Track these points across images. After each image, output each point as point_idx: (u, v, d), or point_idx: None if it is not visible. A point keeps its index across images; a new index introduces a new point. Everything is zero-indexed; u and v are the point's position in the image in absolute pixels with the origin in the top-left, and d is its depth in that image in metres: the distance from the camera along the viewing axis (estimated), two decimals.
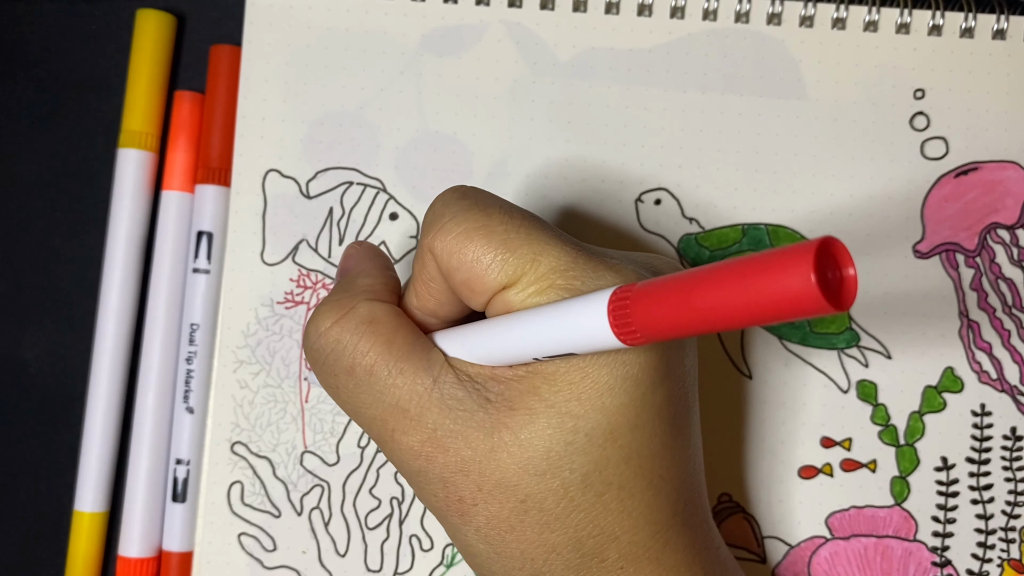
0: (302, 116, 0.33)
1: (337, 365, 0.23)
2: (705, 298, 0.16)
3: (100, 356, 0.33)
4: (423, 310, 0.24)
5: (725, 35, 0.33)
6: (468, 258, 0.22)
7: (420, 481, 0.23)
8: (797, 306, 0.15)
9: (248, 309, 0.32)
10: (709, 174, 0.33)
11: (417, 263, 0.24)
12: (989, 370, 0.32)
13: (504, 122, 0.33)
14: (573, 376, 0.21)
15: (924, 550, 0.32)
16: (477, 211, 0.23)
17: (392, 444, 0.23)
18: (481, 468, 0.22)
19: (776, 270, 0.15)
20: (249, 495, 0.32)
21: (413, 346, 0.23)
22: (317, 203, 0.33)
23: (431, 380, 0.23)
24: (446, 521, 0.23)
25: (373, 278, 0.25)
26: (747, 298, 0.15)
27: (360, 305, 0.24)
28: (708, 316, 0.16)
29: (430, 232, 0.23)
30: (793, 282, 0.14)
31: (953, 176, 0.33)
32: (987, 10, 0.33)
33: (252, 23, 0.33)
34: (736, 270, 0.15)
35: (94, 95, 0.35)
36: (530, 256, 0.22)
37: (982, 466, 0.32)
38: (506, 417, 0.22)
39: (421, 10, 0.33)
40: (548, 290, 0.22)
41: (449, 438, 0.22)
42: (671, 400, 0.23)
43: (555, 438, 0.21)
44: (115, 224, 0.33)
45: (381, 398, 0.23)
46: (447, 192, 0.24)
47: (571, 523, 0.22)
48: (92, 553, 0.33)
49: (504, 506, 0.22)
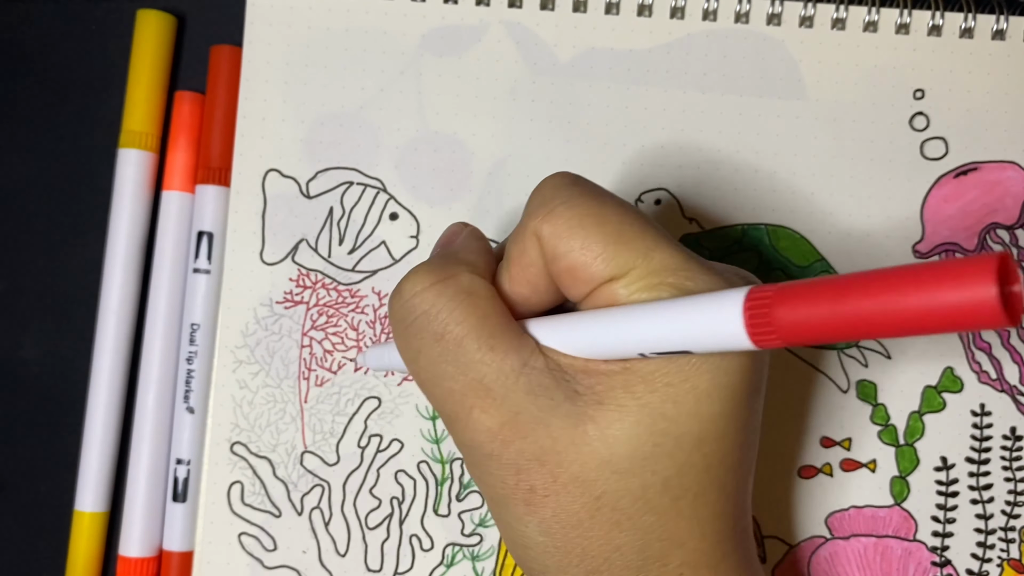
0: (302, 116, 0.33)
1: (426, 328, 0.23)
2: (862, 303, 0.16)
3: (100, 356, 0.33)
4: (515, 295, 0.23)
5: (725, 35, 0.33)
6: (577, 244, 0.22)
7: (490, 465, 0.22)
8: (975, 319, 0.14)
9: (247, 309, 0.32)
10: (709, 174, 0.33)
11: (516, 246, 0.23)
12: (989, 370, 0.32)
13: (504, 122, 0.33)
14: (672, 378, 0.21)
15: (924, 550, 0.32)
16: (591, 198, 0.22)
17: (467, 422, 0.22)
18: (560, 459, 0.21)
19: (958, 280, 0.15)
20: (249, 495, 0.32)
21: (506, 327, 0.22)
22: (317, 203, 0.33)
23: (521, 362, 0.22)
24: (507, 509, 0.23)
25: (477, 255, 0.24)
26: (917, 306, 0.15)
27: (463, 274, 0.23)
28: (863, 321, 0.16)
29: (538, 215, 0.22)
30: (976, 293, 0.14)
31: (953, 176, 0.33)
32: (987, 10, 0.33)
33: (252, 23, 0.33)
34: (909, 277, 0.15)
35: (94, 95, 0.35)
36: (643, 251, 0.21)
37: (982, 466, 0.32)
38: (594, 411, 0.21)
39: (421, 10, 0.33)
40: (658, 287, 0.21)
41: (531, 424, 0.22)
42: (755, 414, 0.23)
43: (643, 438, 0.21)
44: (115, 224, 0.33)
45: (466, 371, 0.22)
46: (556, 176, 0.23)
47: (642, 525, 0.22)
48: (92, 553, 0.33)
49: (577, 500, 0.22)
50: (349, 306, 0.33)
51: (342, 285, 0.33)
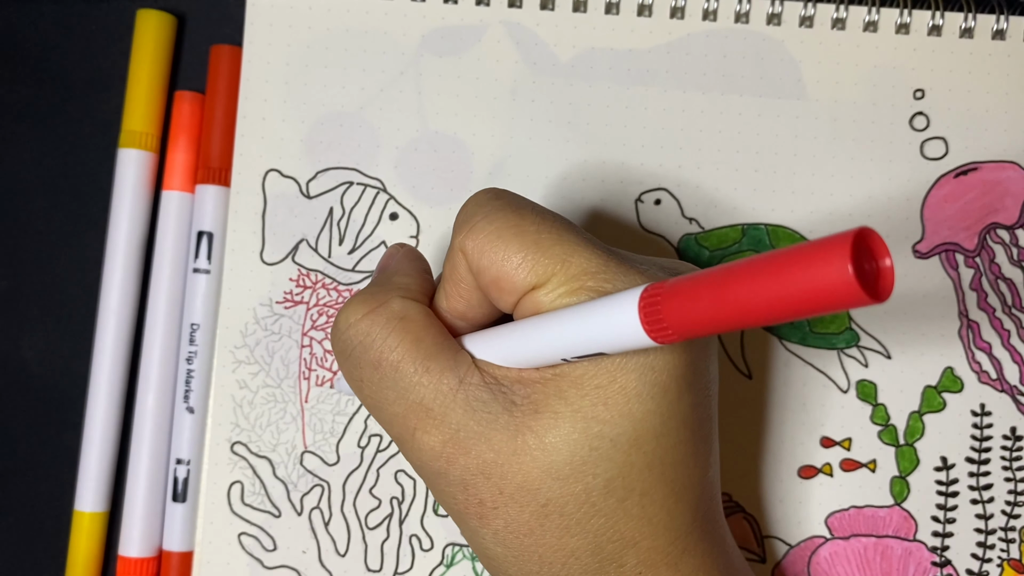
0: (302, 116, 0.33)
1: (364, 357, 0.23)
2: (738, 292, 0.16)
3: (100, 356, 0.33)
4: (452, 312, 0.24)
5: (725, 35, 0.33)
6: (498, 257, 0.22)
7: (439, 483, 0.23)
8: (834, 298, 0.14)
9: (247, 309, 0.32)
10: (709, 174, 0.33)
11: (448, 263, 0.24)
12: (989, 370, 0.32)
13: (504, 122, 0.33)
14: (601, 380, 0.21)
15: (924, 550, 0.32)
16: (509, 211, 0.23)
17: (412, 443, 0.23)
18: (503, 471, 0.22)
19: (812, 262, 0.14)
20: (249, 495, 0.32)
21: (441, 346, 0.23)
22: (317, 203, 0.33)
23: (457, 380, 0.22)
24: (464, 524, 0.23)
25: (410, 278, 0.25)
26: (782, 291, 0.15)
27: (393, 300, 0.24)
28: (741, 311, 0.16)
29: (461, 231, 0.23)
30: (830, 273, 0.14)
31: (953, 176, 0.33)
32: (987, 10, 0.33)
33: (252, 23, 0.33)
34: (770, 263, 0.15)
35: (94, 95, 0.35)
36: (561, 257, 0.22)
37: (982, 466, 0.32)
38: (531, 420, 0.22)
39: (421, 10, 0.33)
40: (578, 291, 0.21)
41: (472, 440, 0.22)
42: (696, 408, 0.23)
43: (580, 443, 0.21)
44: (115, 224, 0.33)
45: (405, 395, 0.23)
46: (480, 193, 0.24)
47: (591, 528, 0.22)
48: (92, 553, 0.33)
49: (524, 510, 0.22)
50: None
51: (342, 285, 0.33)
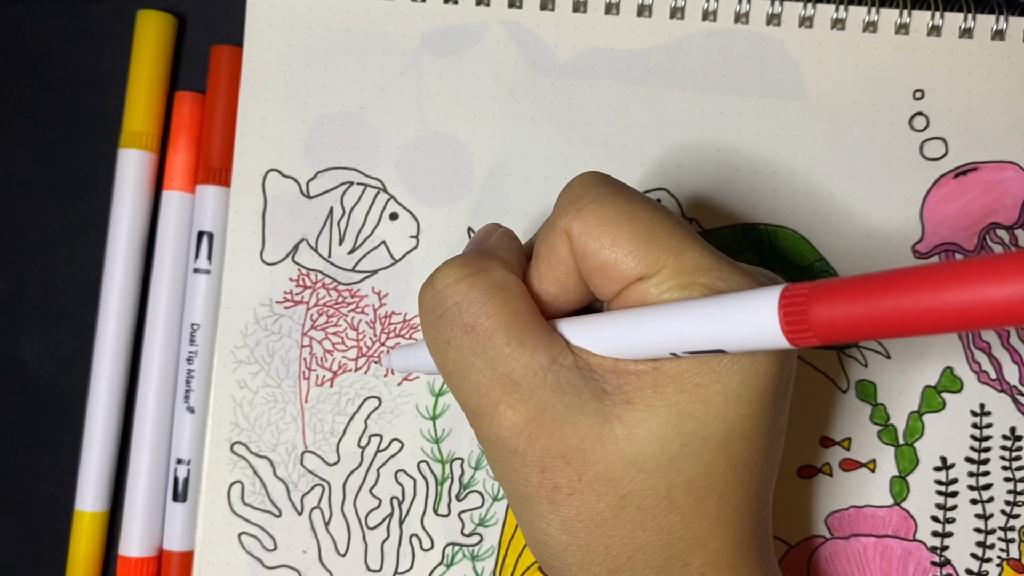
0: (302, 116, 0.33)
1: (457, 320, 0.22)
2: (898, 300, 0.16)
3: (101, 356, 0.33)
4: (544, 294, 0.23)
5: (725, 35, 0.33)
6: (608, 242, 0.21)
7: (514, 462, 0.22)
8: (1016, 314, 0.14)
9: (247, 309, 0.32)
10: (709, 174, 0.33)
11: (545, 244, 0.23)
12: (988, 370, 0.32)
13: (504, 122, 0.33)
14: (703, 379, 0.21)
15: (923, 550, 0.32)
16: (621, 196, 0.22)
17: (493, 417, 0.22)
18: (585, 457, 0.21)
19: (997, 276, 0.14)
20: (249, 495, 0.32)
21: (537, 323, 0.22)
22: (317, 203, 0.33)
23: (550, 359, 0.22)
24: (530, 507, 0.23)
25: (511, 254, 0.24)
26: (955, 302, 0.15)
27: (496, 269, 0.23)
28: (899, 318, 0.16)
29: (568, 212, 0.22)
30: (1017, 290, 0.14)
31: (952, 176, 0.33)
32: (986, 11, 0.33)
33: (253, 24, 0.33)
34: (945, 273, 0.15)
35: (95, 95, 0.35)
36: (674, 249, 0.21)
37: (981, 466, 0.32)
38: (621, 411, 0.21)
39: (421, 10, 0.33)
40: (690, 286, 0.21)
41: (557, 421, 0.21)
42: (780, 416, 0.23)
43: (671, 439, 0.21)
44: (116, 224, 0.33)
45: (494, 365, 0.22)
46: (586, 175, 0.23)
47: (666, 524, 0.22)
48: (93, 553, 0.33)
49: (601, 500, 0.22)
50: (349, 306, 0.33)
51: (342, 285, 0.33)
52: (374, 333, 0.33)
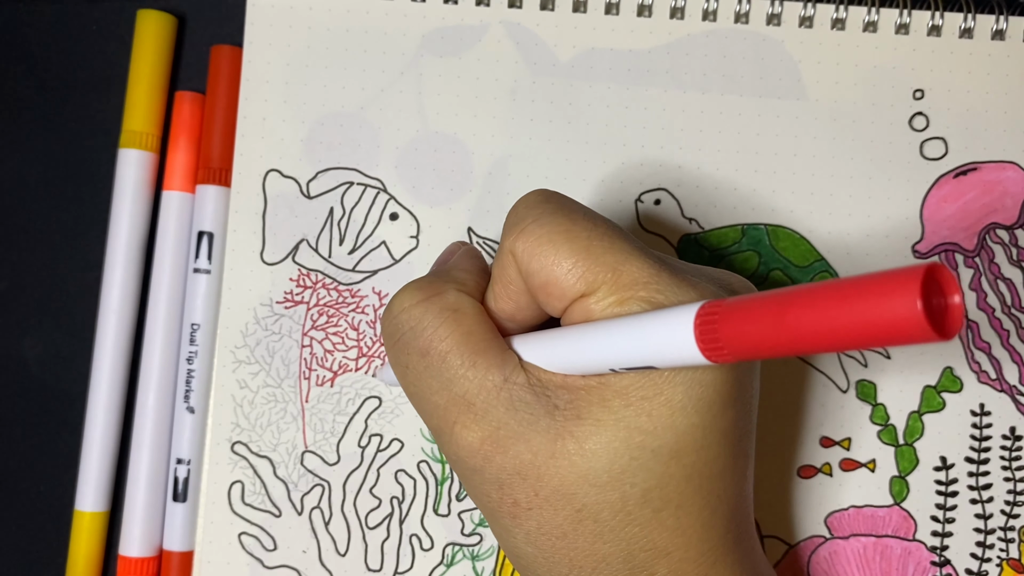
0: (303, 116, 0.33)
1: (413, 344, 0.23)
2: (800, 319, 0.16)
3: (101, 356, 0.33)
4: (500, 312, 0.24)
5: (725, 35, 0.33)
6: (549, 261, 0.22)
7: (475, 479, 0.23)
8: (900, 333, 0.14)
9: (247, 309, 0.32)
10: (709, 174, 0.33)
11: (497, 265, 0.24)
12: (988, 370, 0.32)
13: (504, 122, 0.33)
14: (647, 392, 0.21)
15: (923, 550, 0.32)
16: (561, 215, 0.22)
17: (452, 437, 0.23)
18: (540, 473, 0.22)
19: (880, 294, 0.14)
20: (249, 495, 0.32)
21: (490, 343, 0.23)
22: (317, 203, 0.33)
23: (502, 378, 0.22)
24: (496, 522, 0.23)
25: (468, 274, 0.25)
26: (846, 321, 0.15)
27: (449, 292, 0.24)
28: (800, 337, 0.16)
29: (512, 233, 0.23)
30: (898, 307, 0.14)
31: (952, 176, 0.33)
32: (986, 10, 0.33)
33: (253, 24, 0.33)
34: (836, 291, 0.15)
35: (95, 95, 0.35)
36: (612, 265, 0.22)
37: (981, 466, 0.32)
38: (572, 426, 0.22)
39: (421, 10, 0.33)
40: (629, 301, 0.21)
41: (511, 439, 0.22)
42: (737, 423, 0.23)
43: (621, 452, 0.21)
44: (116, 224, 0.33)
45: (449, 386, 0.23)
46: (531, 194, 0.24)
47: (625, 536, 0.22)
48: (93, 553, 0.33)
49: (559, 513, 0.22)
50: (349, 306, 0.33)
51: (342, 285, 0.33)
52: (374, 333, 0.33)
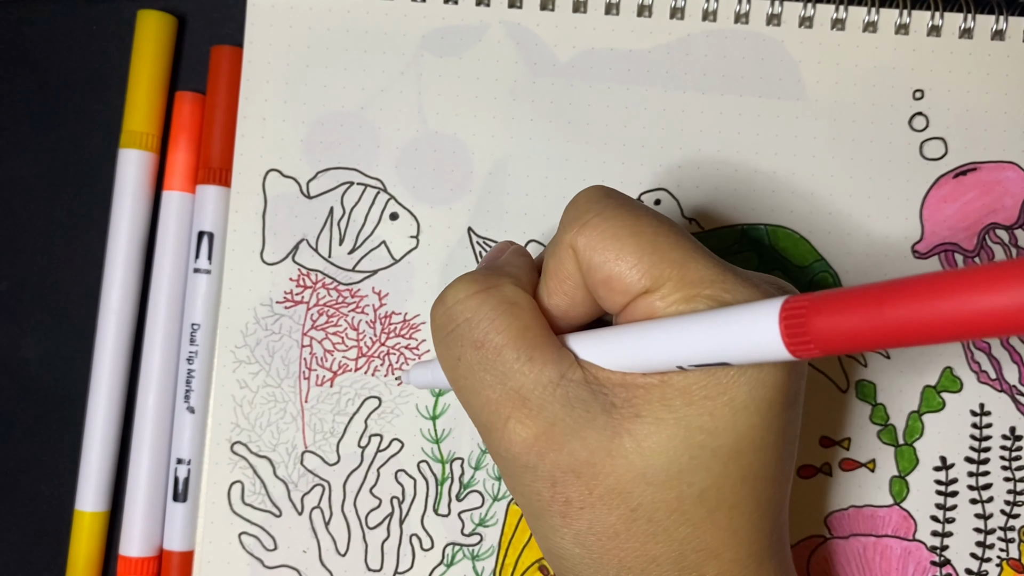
0: (303, 116, 0.33)
1: (467, 336, 0.23)
2: (898, 310, 0.16)
3: (101, 356, 0.33)
4: (553, 308, 0.24)
5: (725, 36, 0.33)
6: (612, 256, 0.22)
7: (525, 477, 0.22)
8: (1010, 323, 0.14)
9: (247, 309, 0.32)
10: (709, 174, 0.33)
11: (553, 259, 0.23)
12: (988, 370, 0.32)
13: (504, 122, 0.33)
14: (710, 391, 0.21)
15: (923, 549, 0.32)
16: (625, 210, 0.22)
17: (504, 433, 0.22)
18: (595, 471, 0.21)
19: (996, 285, 0.14)
20: (250, 494, 0.32)
21: (546, 339, 0.23)
22: (317, 203, 0.33)
23: (559, 374, 0.22)
24: (543, 521, 0.23)
25: (520, 270, 0.25)
26: (955, 312, 0.15)
27: (506, 285, 0.23)
28: (898, 329, 0.16)
29: (573, 227, 0.22)
30: (1009, 298, 0.14)
31: (952, 176, 0.33)
32: (986, 11, 0.33)
33: (253, 24, 0.33)
34: (943, 283, 0.15)
35: (95, 95, 0.35)
36: (678, 262, 0.21)
37: (981, 466, 0.32)
38: (630, 424, 0.21)
39: (421, 11, 0.33)
40: (695, 299, 0.21)
41: (567, 435, 0.22)
42: (791, 425, 0.23)
43: (680, 451, 0.21)
44: (116, 224, 0.33)
45: (504, 380, 0.22)
46: (591, 189, 0.23)
47: (678, 536, 0.22)
48: (93, 553, 0.33)
49: (612, 512, 0.22)
50: (349, 306, 0.33)
51: (342, 285, 0.33)
52: (374, 333, 0.33)
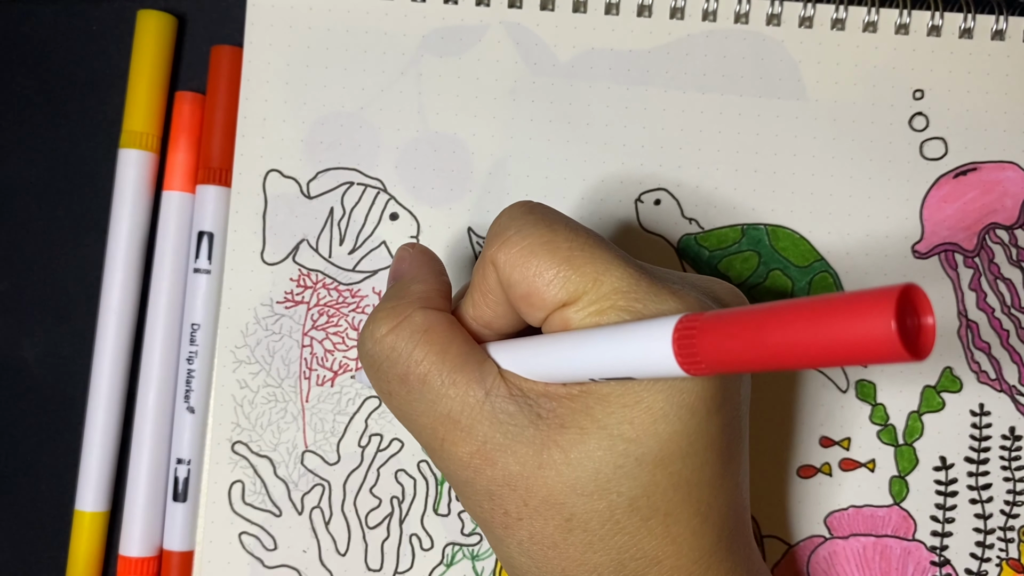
0: (303, 116, 0.33)
1: (391, 372, 0.23)
2: (776, 335, 0.16)
3: (101, 356, 0.33)
4: (478, 320, 0.24)
5: (725, 36, 0.33)
6: (530, 272, 0.22)
7: (467, 491, 0.23)
8: (874, 352, 0.14)
9: (248, 309, 0.33)
10: (709, 174, 0.33)
11: (478, 273, 0.24)
12: (988, 370, 0.32)
13: (504, 122, 0.33)
14: (627, 400, 0.21)
15: (923, 549, 0.32)
16: (543, 226, 0.23)
17: (442, 453, 0.23)
18: (528, 484, 0.22)
19: (856, 314, 0.14)
20: (250, 494, 0.32)
21: (467, 357, 0.23)
22: (318, 203, 0.33)
23: (483, 393, 0.23)
24: (490, 532, 0.24)
25: (427, 284, 0.25)
26: (821, 339, 0.15)
27: (415, 313, 0.24)
28: (777, 354, 0.16)
29: (494, 244, 0.23)
30: (873, 328, 0.14)
31: (952, 176, 0.33)
32: (986, 11, 0.33)
33: (253, 24, 0.33)
34: (812, 310, 0.15)
35: (95, 95, 0.35)
36: (593, 275, 0.22)
37: (981, 466, 0.32)
38: (556, 435, 0.22)
39: (421, 11, 0.33)
40: (609, 311, 0.21)
41: (498, 451, 0.22)
42: (724, 429, 0.23)
43: (605, 460, 0.21)
44: (116, 224, 0.33)
45: (433, 407, 0.23)
46: (514, 206, 0.24)
47: (614, 545, 0.22)
48: (93, 553, 0.33)
49: (548, 523, 0.22)
50: (350, 306, 0.33)
51: (343, 285, 0.33)
52: None
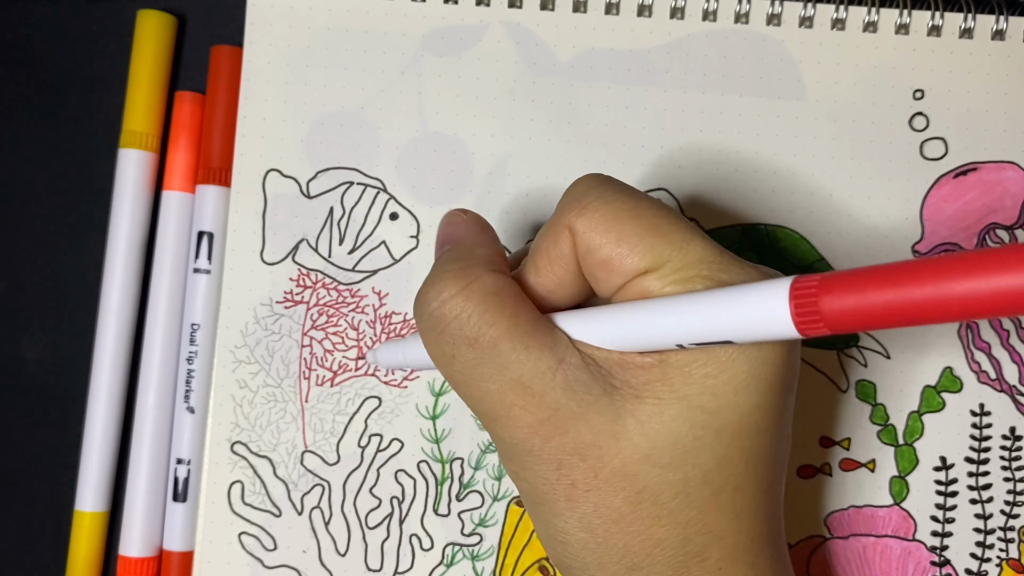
0: (303, 116, 0.33)
1: (459, 334, 0.23)
2: (908, 290, 0.16)
3: (100, 356, 0.33)
4: (539, 287, 0.24)
5: (725, 35, 0.33)
6: (612, 238, 0.22)
7: (530, 461, 0.22)
8: (1014, 304, 0.15)
9: (247, 309, 0.32)
10: (709, 174, 0.33)
11: (547, 239, 0.23)
12: (988, 370, 0.32)
13: (504, 122, 0.33)
14: (710, 369, 0.21)
15: (923, 550, 0.32)
16: (625, 194, 0.22)
17: (508, 420, 0.22)
18: (601, 453, 0.21)
19: (998, 267, 0.15)
20: (249, 494, 0.32)
21: (537, 323, 0.23)
22: (317, 203, 0.33)
23: (556, 360, 0.22)
24: (548, 506, 0.23)
25: (490, 250, 0.24)
26: (960, 292, 0.15)
27: (485, 275, 0.23)
28: (907, 308, 0.16)
29: (573, 209, 0.22)
30: (1016, 280, 0.15)
31: (952, 176, 0.33)
32: (986, 11, 0.33)
33: (253, 24, 0.33)
34: (949, 264, 0.16)
35: (95, 95, 0.35)
36: (679, 243, 0.22)
37: (981, 466, 0.32)
38: (632, 405, 0.21)
39: (421, 10, 0.33)
40: (693, 279, 0.21)
41: (571, 420, 0.22)
42: (788, 407, 0.23)
43: (684, 431, 0.21)
44: (116, 224, 0.33)
45: (503, 372, 0.22)
46: (590, 175, 0.24)
47: (683, 519, 0.22)
48: (93, 553, 0.33)
49: (618, 495, 0.22)
50: (349, 306, 0.33)
51: (342, 285, 0.33)
52: (374, 333, 0.33)
